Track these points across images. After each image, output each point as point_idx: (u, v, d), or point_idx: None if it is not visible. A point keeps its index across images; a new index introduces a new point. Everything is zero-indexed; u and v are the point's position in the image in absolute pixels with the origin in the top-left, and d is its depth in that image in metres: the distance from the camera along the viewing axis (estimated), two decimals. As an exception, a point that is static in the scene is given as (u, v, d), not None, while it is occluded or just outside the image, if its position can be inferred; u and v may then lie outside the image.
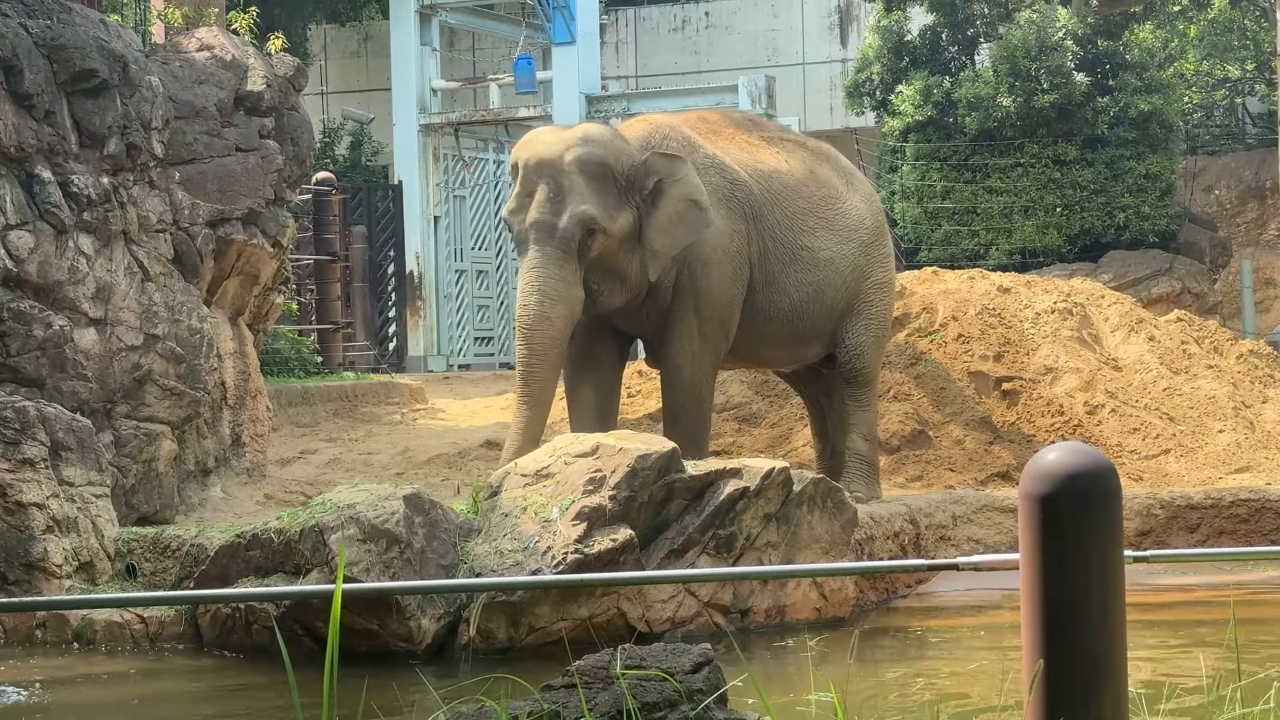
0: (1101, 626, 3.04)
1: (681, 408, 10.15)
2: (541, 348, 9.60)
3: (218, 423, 11.12)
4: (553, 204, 9.62)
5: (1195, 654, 7.27)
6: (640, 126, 10.36)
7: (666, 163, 9.87)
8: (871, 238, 10.89)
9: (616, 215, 9.72)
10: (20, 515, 8.75)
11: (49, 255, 9.81)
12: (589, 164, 9.66)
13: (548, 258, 9.58)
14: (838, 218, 10.72)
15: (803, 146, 11.09)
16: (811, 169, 10.79)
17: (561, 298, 9.57)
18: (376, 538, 7.86)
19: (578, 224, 9.58)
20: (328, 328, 17.88)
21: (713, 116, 11.10)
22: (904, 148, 21.79)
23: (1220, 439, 12.34)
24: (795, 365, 11.06)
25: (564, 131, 10.07)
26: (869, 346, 10.77)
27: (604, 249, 9.70)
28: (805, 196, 10.62)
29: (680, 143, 10.18)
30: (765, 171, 10.52)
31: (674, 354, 10.10)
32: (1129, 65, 21.35)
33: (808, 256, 10.52)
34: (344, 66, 28.68)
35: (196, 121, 11.02)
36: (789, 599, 8.64)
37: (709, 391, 10.37)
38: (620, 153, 9.80)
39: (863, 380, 10.78)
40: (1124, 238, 21.17)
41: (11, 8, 9.87)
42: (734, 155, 10.48)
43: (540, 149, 9.80)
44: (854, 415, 10.79)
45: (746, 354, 10.72)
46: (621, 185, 9.78)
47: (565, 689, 4.08)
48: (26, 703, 7.27)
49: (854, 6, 27.11)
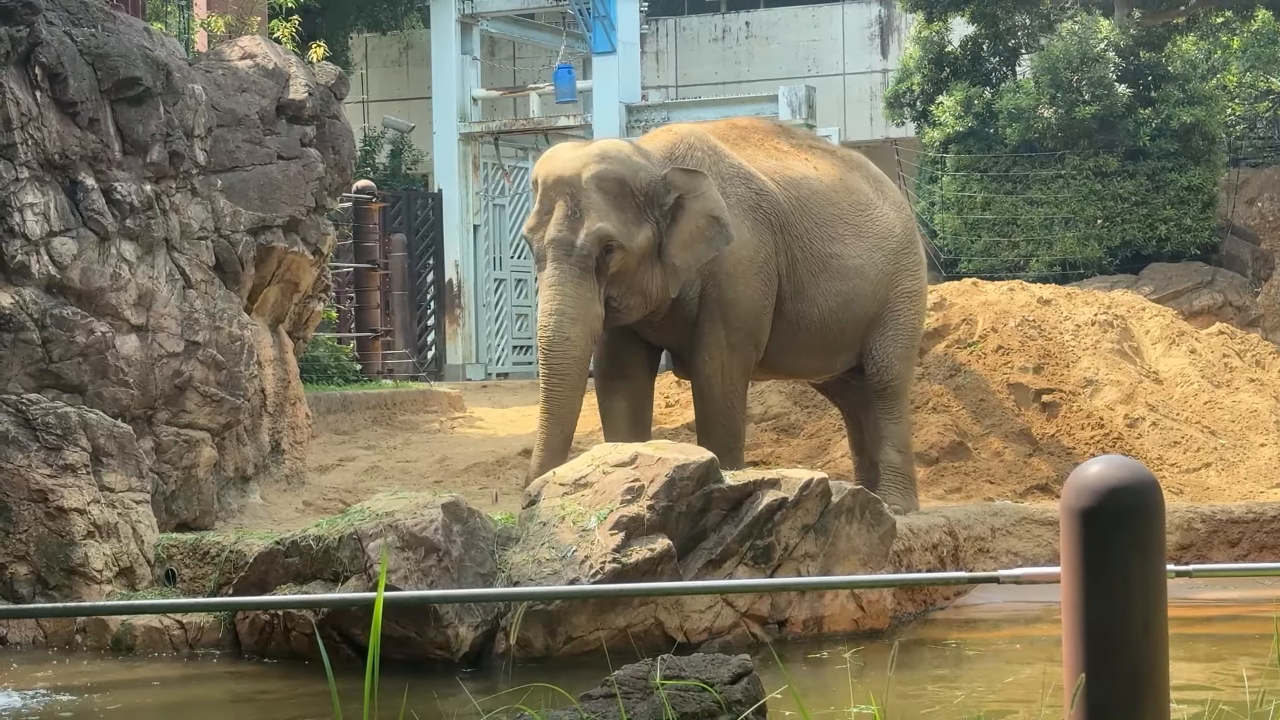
0: (1143, 641, 3.02)
1: (714, 419, 10.13)
2: (562, 368, 9.64)
3: (257, 430, 11.16)
4: (570, 221, 9.63)
5: (1237, 669, 7.22)
6: (665, 138, 10.34)
7: (687, 178, 9.85)
8: (901, 245, 10.82)
9: (636, 232, 9.72)
10: (61, 520, 8.79)
11: (91, 262, 9.87)
12: (606, 181, 9.66)
13: (566, 275, 9.61)
14: (868, 225, 10.68)
15: (833, 154, 11.06)
16: (841, 176, 10.74)
17: (580, 316, 9.60)
18: (415, 545, 7.87)
19: (595, 241, 9.58)
20: (367, 335, 17.92)
21: (743, 123, 11.07)
22: (944, 159, 21.74)
23: (1262, 453, 12.27)
24: (826, 376, 11.02)
25: (582, 148, 10.09)
26: (897, 358, 10.69)
27: (623, 265, 9.70)
28: (835, 204, 10.57)
29: (705, 154, 10.16)
30: (794, 179, 10.48)
31: (703, 365, 10.09)
32: (1171, 77, 21.26)
33: (837, 265, 10.48)
34: (385, 75, 28.78)
35: (239, 129, 11.07)
36: (826, 610, 8.61)
37: (741, 402, 10.33)
38: (638, 169, 9.79)
39: (891, 392, 10.71)
40: (1165, 250, 21.07)
41: (56, 16, 9.94)
42: (762, 163, 10.45)
43: (559, 166, 9.81)
44: (885, 428, 10.73)
45: (776, 365, 10.67)
46: (640, 201, 9.77)
47: (604, 699, 4.08)
48: (66, 707, 7.30)
49: (895, 17, 27.06)
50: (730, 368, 10.09)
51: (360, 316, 18.11)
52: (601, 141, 10.40)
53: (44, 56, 9.66)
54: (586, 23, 22.87)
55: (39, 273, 9.58)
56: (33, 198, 9.57)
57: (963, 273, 19.72)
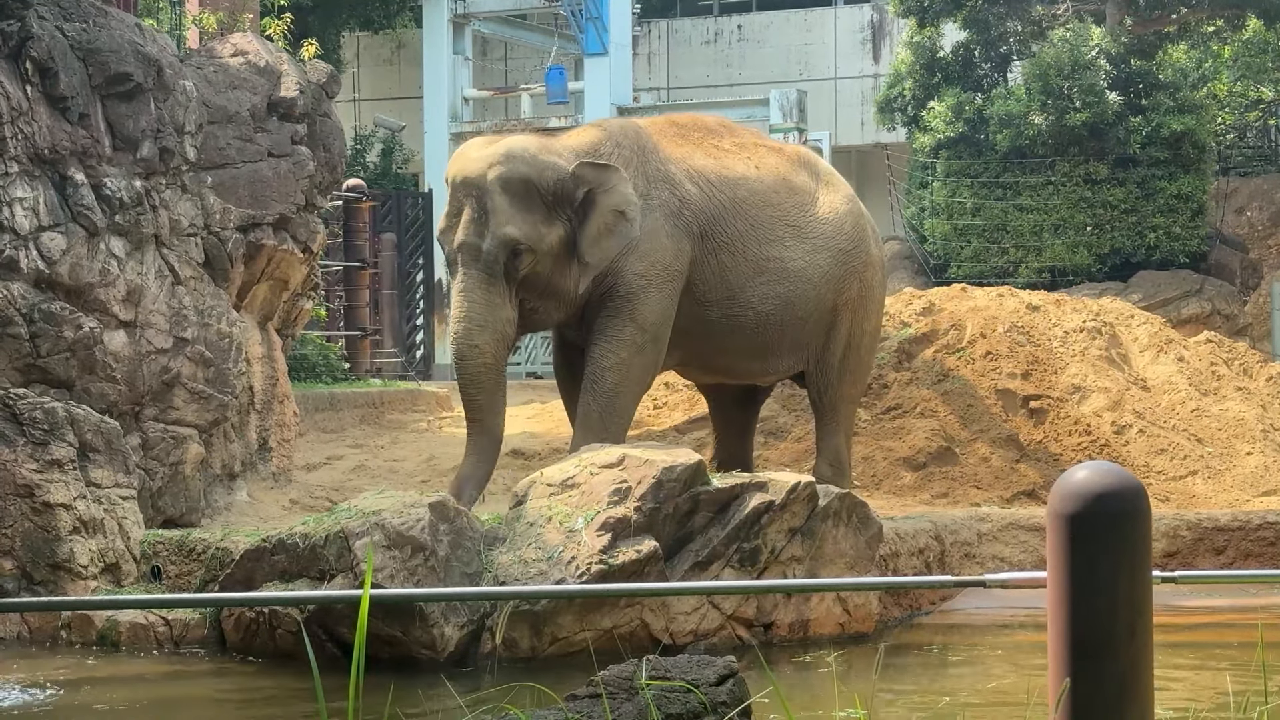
0: (1129, 647, 3.02)
1: (597, 414, 9.75)
2: (474, 376, 9.51)
3: (245, 427, 11.15)
4: (477, 225, 9.43)
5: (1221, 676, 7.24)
6: (591, 134, 10.08)
7: (595, 172, 9.57)
8: (850, 244, 10.50)
9: (546, 232, 9.49)
10: (47, 515, 8.78)
11: (80, 257, 9.85)
12: (511, 182, 9.44)
13: (474, 281, 9.43)
14: (811, 225, 10.38)
15: (778, 152, 10.76)
16: (784, 175, 10.44)
17: (487, 323, 9.43)
18: (401, 544, 7.87)
19: (500, 246, 9.38)
20: (356, 334, 17.92)
21: (683, 120, 10.75)
22: (935, 164, 21.78)
23: (1248, 461, 12.29)
24: (770, 378, 10.76)
25: (490, 147, 9.73)
26: (835, 372, 10.48)
27: (534, 267, 9.48)
28: (774, 204, 10.28)
29: (632, 153, 9.88)
30: (730, 179, 10.19)
31: (603, 356, 9.75)
32: (1162, 85, 21.32)
33: (775, 267, 10.19)
34: (376, 74, 28.78)
35: (229, 126, 11.06)
36: (812, 614, 8.62)
37: (630, 403, 9.99)
38: (544, 167, 9.53)
39: (828, 404, 10.53)
40: (1154, 258, 21.12)
41: (48, 10, 9.92)
42: (698, 162, 10.16)
43: (466, 166, 9.58)
44: (821, 440, 10.62)
45: (711, 366, 10.46)
46: (549, 200, 9.53)
47: (589, 698, 4.08)
48: (49, 702, 7.29)
49: (887, 22, 27.11)
50: (630, 367, 9.76)
51: (349, 315, 18.12)
52: (510, 139, 9.95)
53: (35, 51, 9.65)
54: (579, 24, 22.88)
55: (27, 268, 9.57)
56: (22, 192, 9.55)
57: (952, 278, 19.75)
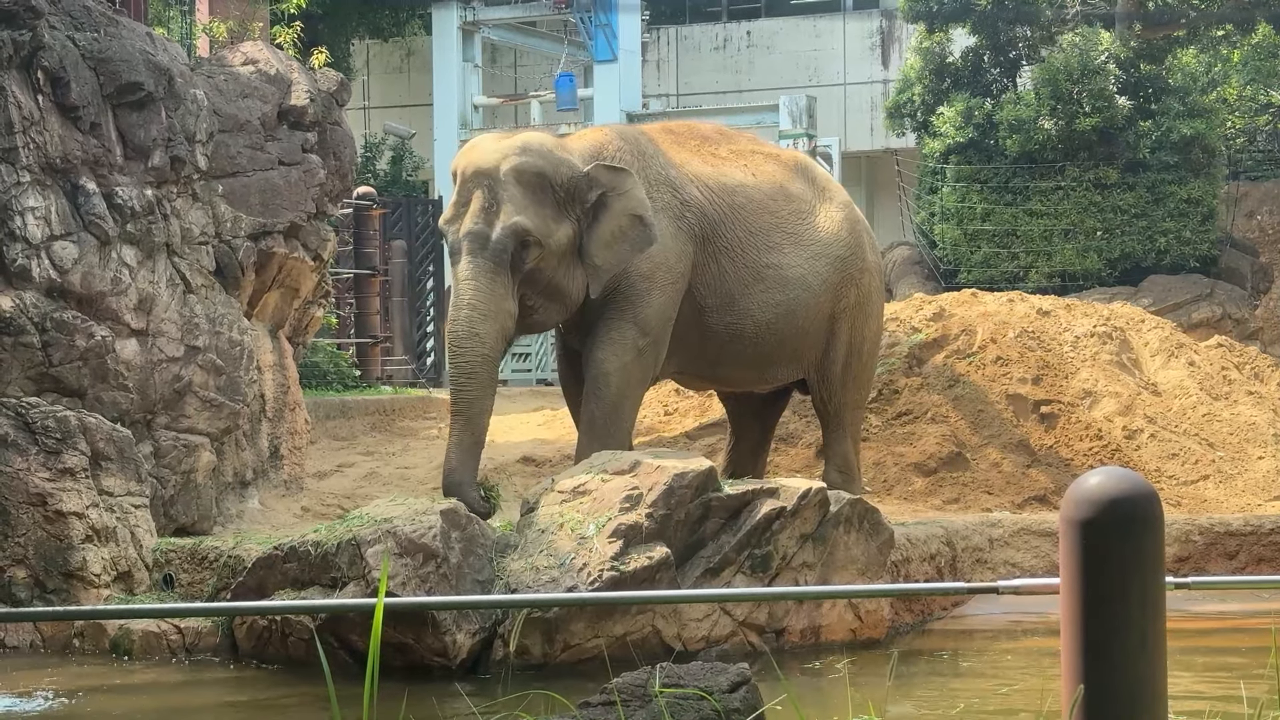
0: (1142, 653, 3.02)
1: (601, 422, 9.66)
2: (470, 366, 9.28)
3: (256, 435, 11.16)
4: (486, 214, 9.30)
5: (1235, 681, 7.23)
6: (594, 136, 10.07)
7: (611, 175, 9.53)
8: (848, 251, 10.47)
9: (554, 228, 9.41)
10: (60, 524, 8.80)
11: (92, 266, 9.87)
12: (526, 174, 9.35)
13: (479, 270, 9.27)
14: (808, 232, 10.35)
15: (775, 159, 10.73)
16: (781, 183, 10.40)
17: (491, 313, 9.27)
18: (413, 552, 7.88)
19: (511, 235, 9.27)
20: (366, 341, 17.92)
21: (680, 128, 10.75)
22: (944, 169, 21.76)
23: (1260, 465, 12.27)
24: (767, 386, 10.71)
25: (504, 139, 9.69)
26: (838, 380, 10.47)
27: (540, 262, 9.39)
28: (772, 211, 10.25)
29: (634, 156, 9.85)
30: (728, 186, 10.16)
31: (604, 360, 9.67)
32: (1171, 89, 21.29)
33: (774, 275, 10.14)
34: (386, 82, 28.80)
35: (240, 135, 11.08)
36: (824, 620, 8.62)
37: (632, 408, 9.95)
38: (560, 163, 9.47)
39: (833, 411, 10.52)
40: (1165, 262, 21.09)
41: (59, 20, 9.95)
42: (695, 169, 10.13)
43: (478, 157, 9.48)
44: (829, 447, 10.61)
45: (710, 375, 10.43)
46: (561, 197, 9.46)
47: (603, 706, 4.09)
48: (63, 711, 7.30)
49: (896, 28, 27.10)
50: (631, 371, 9.70)
51: (360, 322, 18.12)
52: (524, 133, 9.94)
53: (46, 61, 9.67)
54: (588, 31, 22.90)
55: (40, 276, 9.59)
56: (34, 201, 9.58)
57: (962, 283, 19.72)
